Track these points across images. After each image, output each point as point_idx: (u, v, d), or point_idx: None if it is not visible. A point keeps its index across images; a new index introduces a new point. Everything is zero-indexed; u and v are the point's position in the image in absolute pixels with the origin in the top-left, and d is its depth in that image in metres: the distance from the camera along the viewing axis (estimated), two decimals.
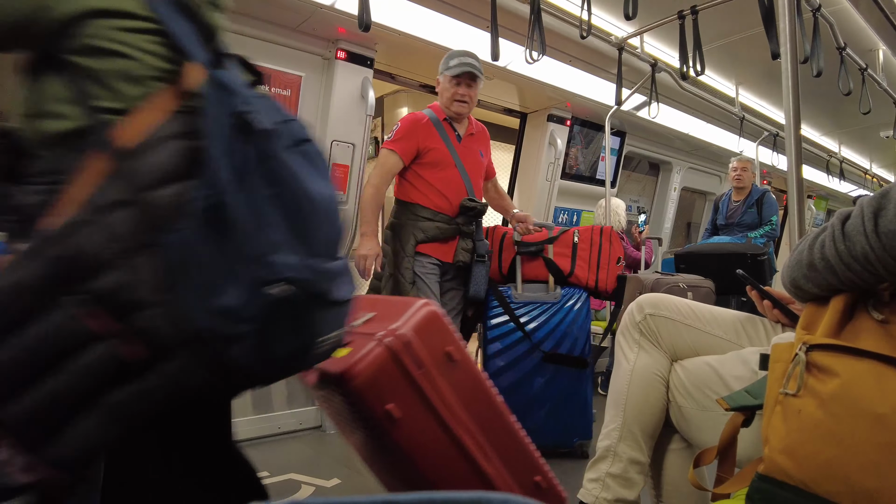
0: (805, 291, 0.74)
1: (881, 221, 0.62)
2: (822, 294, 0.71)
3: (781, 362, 0.65)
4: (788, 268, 0.76)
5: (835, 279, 0.68)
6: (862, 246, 0.63)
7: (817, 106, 4.49)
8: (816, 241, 0.71)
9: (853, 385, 0.58)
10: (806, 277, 0.72)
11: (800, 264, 0.73)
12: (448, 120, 2.32)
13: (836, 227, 0.68)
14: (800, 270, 0.73)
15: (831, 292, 0.70)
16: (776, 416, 0.63)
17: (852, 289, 0.68)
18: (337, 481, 2.06)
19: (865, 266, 0.64)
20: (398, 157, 2.23)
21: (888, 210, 0.61)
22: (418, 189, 2.27)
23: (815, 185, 6.44)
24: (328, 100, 2.70)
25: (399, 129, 2.29)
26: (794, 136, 1.55)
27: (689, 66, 2.71)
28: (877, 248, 0.62)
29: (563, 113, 3.84)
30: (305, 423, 2.68)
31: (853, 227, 0.65)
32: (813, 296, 0.73)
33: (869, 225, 0.63)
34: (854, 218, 0.65)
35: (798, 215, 1.53)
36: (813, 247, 0.71)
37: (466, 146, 2.34)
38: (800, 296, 0.76)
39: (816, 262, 0.70)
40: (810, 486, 0.58)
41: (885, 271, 0.63)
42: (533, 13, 2.35)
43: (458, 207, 2.26)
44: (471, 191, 2.29)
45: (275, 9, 2.40)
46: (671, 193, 5.23)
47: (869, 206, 0.64)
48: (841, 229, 0.67)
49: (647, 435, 1.10)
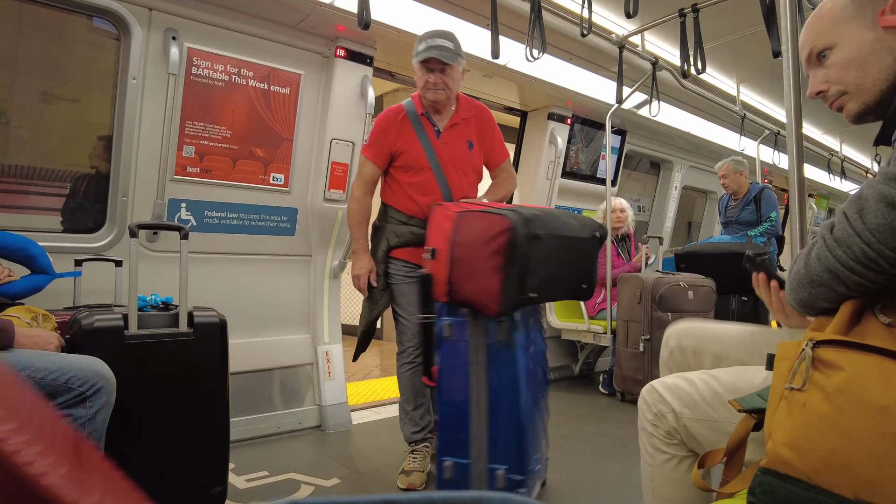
0: (817, 308, 0.74)
1: (867, 219, 0.64)
2: (833, 307, 0.72)
3: (787, 360, 0.66)
4: (792, 290, 0.77)
5: (842, 287, 0.69)
6: (858, 246, 0.65)
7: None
8: (811, 257, 0.72)
9: (858, 378, 0.59)
10: (813, 295, 0.73)
11: (802, 283, 0.74)
12: (426, 113, 2.08)
13: (826, 238, 0.70)
14: (805, 289, 0.74)
15: (840, 303, 0.71)
16: (781, 410, 0.63)
17: (861, 294, 0.69)
18: (336, 481, 2.06)
19: (868, 265, 0.66)
20: (372, 163, 2.10)
21: (868, 208, 0.64)
22: (394, 192, 2.13)
23: (816, 184, 6.44)
24: (328, 98, 2.70)
25: (372, 130, 2.13)
26: (796, 134, 1.54)
27: (690, 65, 2.71)
28: (872, 244, 0.64)
29: (563, 111, 3.83)
30: (305, 422, 2.68)
31: (842, 232, 0.67)
32: (824, 311, 0.73)
33: (857, 225, 0.65)
34: (840, 224, 0.68)
35: (799, 214, 1.52)
36: (809, 262, 0.72)
37: (448, 140, 2.09)
38: (811, 313, 0.77)
39: (822, 276, 0.70)
40: (813, 478, 0.58)
41: (888, 264, 0.65)
42: (533, 11, 2.35)
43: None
44: (447, 194, 2.05)
45: (274, 7, 2.40)
46: (672, 192, 5.22)
47: (851, 209, 0.67)
48: (832, 238, 0.69)
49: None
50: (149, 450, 1.52)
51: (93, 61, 2.34)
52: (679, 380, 1.02)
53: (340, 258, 2.87)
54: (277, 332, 2.72)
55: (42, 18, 2.19)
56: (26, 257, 1.79)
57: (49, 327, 1.53)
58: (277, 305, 2.73)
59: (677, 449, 1.04)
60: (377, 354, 5.16)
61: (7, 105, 2.23)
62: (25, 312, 1.50)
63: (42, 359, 1.27)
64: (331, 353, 2.82)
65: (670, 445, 1.04)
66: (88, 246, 2.22)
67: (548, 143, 3.80)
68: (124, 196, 2.28)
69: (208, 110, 2.42)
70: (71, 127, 2.44)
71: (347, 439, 2.59)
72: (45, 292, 1.80)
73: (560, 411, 3.07)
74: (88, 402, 1.27)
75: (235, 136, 2.50)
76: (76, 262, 2.06)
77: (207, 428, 1.63)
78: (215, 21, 2.37)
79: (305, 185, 2.75)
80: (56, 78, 2.32)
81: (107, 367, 1.34)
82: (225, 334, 1.68)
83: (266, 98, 2.56)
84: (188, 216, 2.44)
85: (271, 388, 2.64)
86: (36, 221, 2.36)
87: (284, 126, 2.64)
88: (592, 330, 3.53)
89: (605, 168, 3.84)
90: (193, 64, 2.35)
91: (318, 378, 2.76)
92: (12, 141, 2.27)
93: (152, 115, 2.28)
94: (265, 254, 2.69)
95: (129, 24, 2.18)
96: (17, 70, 2.20)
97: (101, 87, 2.33)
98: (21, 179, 2.29)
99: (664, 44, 3.36)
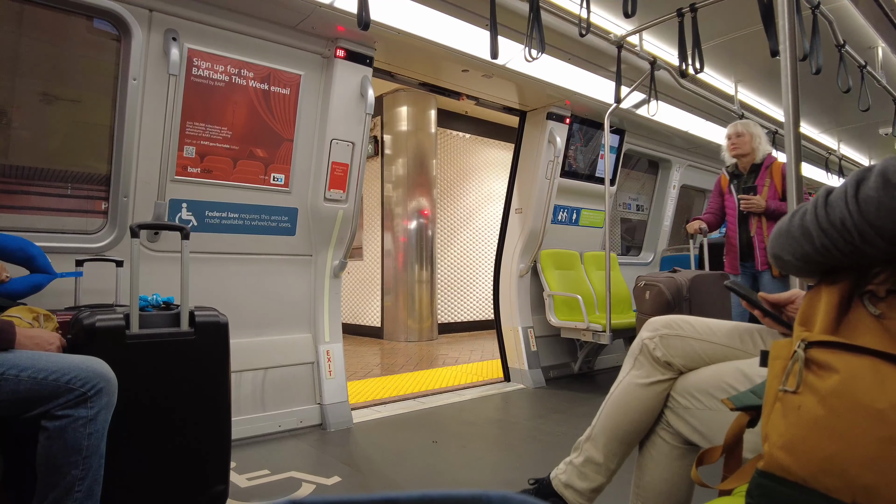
0: (785, 262, 0.75)
1: (862, 188, 0.62)
2: (802, 267, 0.72)
3: (780, 359, 0.65)
4: (771, 238, 0.78)
5: (810, 246, 0.69)
6: (840, 210, 0.64)
7: (816, 103, 4.49)
8: (799, 211, 0.72)
9: (852, 381, 0.58)
10: (782, 245, 0.74)
11: (780, 233, 0.75)
12: None
13: (819, 197, 0.69)
14: (779, 240, 0.74)
15: (809, 265, 0.71)
16: (776, 412, 0.63)
17: (828, 260, 0.68)
18: (337, 479, 2.07)
19: (842, 233, 0.64)
20: None
21: (869, 179, 0.62)
22: None
23: (814, 183, 6.44)
24: (327, 98, 2.70)
25: None
26: (794, 133, 1.55)
27: (688, 64, 2.71)
28: (854, 213, 0.62)
29: (562, 111, 3.84)
30: (306, 421, 2.69)
31: (835, 196, 0.66)
32: (794, 268, 0.74)
33: (851, 191, 0.63)
34: (839, 188, 0.66)
35: None
36: (794, 216, 0.72)
37: None
38: (781, 266, 0.78)
39: (795, 230, 0.71)
40: (809, 482, 0.58)
41: (861, 239, 0.63)
42: (532, 11, 2.35)
43: None
44: None
45: (274, 7, 2.40)
46: (670, 191, 5.23)
47: (852, 177, 0.65)
48: (825, 199, 0.67)
49: (617, 440, 1.21)
50: (150, 449, 1.53)
51: (93, 62, 2.34)
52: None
53: (341, 258, 2.88)
54: (278, 331, 2.73)
55: (42, 19, 2.20)
56: (25, 258, 1.80)
57: (50, 327, 1.53)
58: (278, 305, 2.74)
59: (661, 372, 1.16)
60: (377, 353, 5.17)
61: (7, 106, 2.23)
62: (27, 313, 1.50)
63: (43, 359, 1.27)
64: (331, 352, 2.82)
65: (655, 367, 1.17)
66: (89, 246, 2.22)
67: (546, 142, 3.81)
68: (125, 196, 2.29)
69: (209, 111, 2.42)
70: (71, 127, 2.44)
71: (348, 438, 2.60)
72: (47, 292, 1.81)
73: (560, 410, 3.08)
74: (90, 402, 1.28)
75: (236, 136, 2.51)
76: (77, 262, 2.07)
77: (209, 427, 1.63)
78: (215, 22, 2.38)
79: (306, 185, 2.76)
80: (56, 79, 2.32)
81: (108, 368, 1.34)
82: (226, 334, 1.68)
83: (266, 98, 2.56)
84: (189, 216, 2.44)
85: (272, 387, 2.64)
86: (37, 222, 2.36)
87: (284, 126, 2.65)
88: (592, 328, 3.54)
89: (604, 167, 3.85)
90: (194, 65, 2.35)
91: (318, 377, 2.77)
92: (13, 141, 2.28)
93: (153, 115, 2.28)
94: (266, 254, 2.70)
95: (129, 24, 2.19)
96: (17, 71, 2.20)
97: (101, 87, 2.33)
98: (21, 180, 2.29)
99: (662, 43, 3.37)
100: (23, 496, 1.35)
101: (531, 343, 3.83)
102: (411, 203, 6.10)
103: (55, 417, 1.24)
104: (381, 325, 6.31)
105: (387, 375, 4.13)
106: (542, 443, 2.50)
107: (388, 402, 3.22)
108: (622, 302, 4.23)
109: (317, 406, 2.74)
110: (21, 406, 1.23)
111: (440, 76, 3.39)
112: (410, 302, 6.07)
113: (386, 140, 6.30)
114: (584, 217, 4.36)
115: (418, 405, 3.18)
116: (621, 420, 1.19)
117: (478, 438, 2.59)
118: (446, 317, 6.74)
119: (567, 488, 1.25)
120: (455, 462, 2.27)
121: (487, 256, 6.92)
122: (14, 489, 1.38)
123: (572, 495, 1.24)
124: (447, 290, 6.78)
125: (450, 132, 6.78)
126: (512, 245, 3.98)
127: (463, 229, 6.98)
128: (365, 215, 6.59)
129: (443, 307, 6.66)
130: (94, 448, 1.28)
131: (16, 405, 1.23)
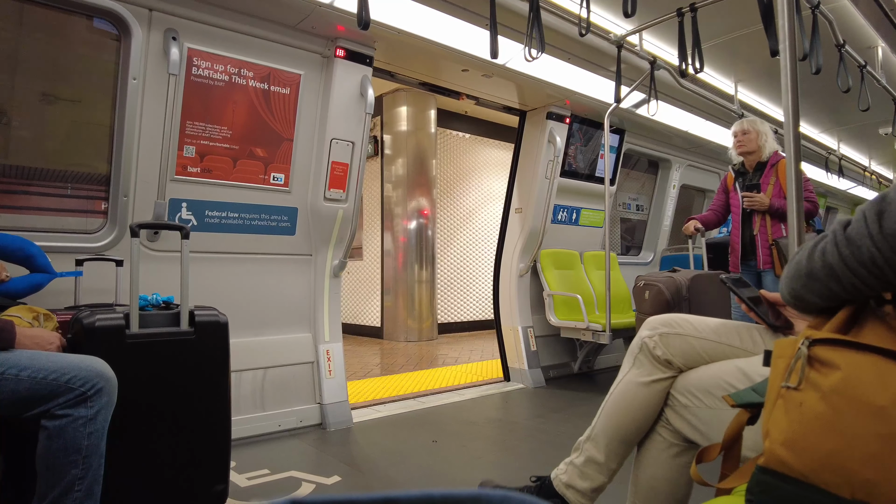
0: (807, 303, 0.72)
1: (885, 223, 0.60)
2: (825, 304, 0.70)
3: (784, 358, 0.65)
4: (787, 278, 0.74)
5: (838, 286, 0.66)
6: (868, 248, 0.62)
7: (816, 103, 4.49)
8: (816, 249, 0.69)
9: (854, 378, 0.58)
10: (806, 287, 0.70)
11: (799, 274, 0.71)
12: None
13: (837, 233, 0.66)
14: (799, 280, 0.71)
15: (834, 302, 0.68)
16: (777, 409, 0.63)
17: (856, 297, 0.66)
18: (337, 479, 2.07)
19: (872, 270, 0.62)
20: None
21: (891, 211, 0.60)
22: None
23: (814, 182, 6.44)
24: (327, 98, 2.70)
25: None
26: (793, 133, 1.55)
27: (688, 64, 2.71)
28: (884, 250, 0.60)
29: (562, 111, 3.84)
30: (306, 420, 2.69)
31: (856, 232, 0.63)
32: (816, 307, 0.71)
33: (874, 227, 0.61)
34: (856, 223, 0.64)
35: (797, 213, 1.53)
36: (813, 255, 0.69)
37: None
38: (801, 308, 0.74)
39: (818, 271, 0.68)
40: (810, 478, 0.58)
41: (893, 274, 0.61)
42: (532, 11, 2.35)
43: None
44: None
45: (274, 7, 2.40)
46: (670, 191, 5.23)
47: (871, 210, 0.62)
48: (843, 234, 0.65)
49: (617, 440, 1.21)
50: (150, 449, 1.53)
51: (93, 62, 2.34)
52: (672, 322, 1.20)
53: (340, 257, 2.88)
54: (278, 330, 2.73)
55: (42, 19, 2.19)
56: (25, 257, 1.80)
57: (50, 327, 1.53)
58: (278, 304, 2.74)
59: (661, 370, 1.16)
60: (377, 353, 5.17)
61: (7, 106, 2.23)
62: (27, 312, 1.50)
63: (43, 359, 1.27)
64: (331, 351, 2.82)
65: (655, 366, 1.17)
66: (89, 246, 2.22)
67: (546, 142, 3.81)
68: (125, 196, 2.29)
69: (209, 110, 2.42)
70: (71, 127, 2.44)
71: (348, 437, 2.60)
72: (47, 292, 1.81)
73: (560, 409, 3.08)
74: (90, 401, 1.28)
75: (236, 136, 2.51)
76: (77, 261, 2.06)
77: (209, 426, 1.63)
78: (215, 21, 2.38)
79: (306, 184, 2.76)
80: (56, 79, 2.32)
81: (108, 367, 1.34)
82: (226, 333, 1.68)
83: (266, 98, 2.56)
84: (189, 216, 2.44)
85: (272, 386, 2.64)
86: (37, 221, 2.36)
87: (284, 126, 2.65)
88: (591, 328, 3.54)
89: (604, 167, 3.85)
90: (194, 64, 2.35)
91: (318, 376, 2.77)
92: (13, 141, 2.28)
93: (153, 115, 2.28)
94: (266, 253, 2.70)
95: (129, 24, 2.18)
96: (17, 71, 2.20)
97: (101, 87, 2.33)
98: (21, 179, 2.29)
99: (662, 43, 3.37)
100: (23, 495, 1.35)
101: (531, 343, 3.84)
102: (411, 203, 6.10)
103: (55, 417, 1.24)
104: (380, 325, 6.31)
105: (387, 375, 4.13)
106: (542, 442, 2.50)
107: (388, 402, 3.22)
108: (622, 302, 4.23)
109: (317, 406, 2.74)
110: (21, 405, 1.23)
111: (440, 76, 3.39)
112: (410, 302, 6.07)
113: (386, 140, 6.30)
114: (583, 217, 4.36)
115: (418, 405, 3.18)
116: (622, 419, 1.19)
117: (478, 438, 2.59)
118: (446, 317, 6.73)
119: (568, 488, 1.25)
120: (455, 462, 2.27)
121: (487, 256, 6.92)
122: (14, 489, 1.38)
123: (574, 495, 1.24)
124: (447, 289, 6.78)
125: (450, 132, 6.78)
126: (512, 245, 3.98)
127: (463, 229, 6.98)
128: (365, 215, 6.59)
129: (443, 307, 6.66)
130: (94, 447, 1.28)
131: (16, 405, 1.23)
